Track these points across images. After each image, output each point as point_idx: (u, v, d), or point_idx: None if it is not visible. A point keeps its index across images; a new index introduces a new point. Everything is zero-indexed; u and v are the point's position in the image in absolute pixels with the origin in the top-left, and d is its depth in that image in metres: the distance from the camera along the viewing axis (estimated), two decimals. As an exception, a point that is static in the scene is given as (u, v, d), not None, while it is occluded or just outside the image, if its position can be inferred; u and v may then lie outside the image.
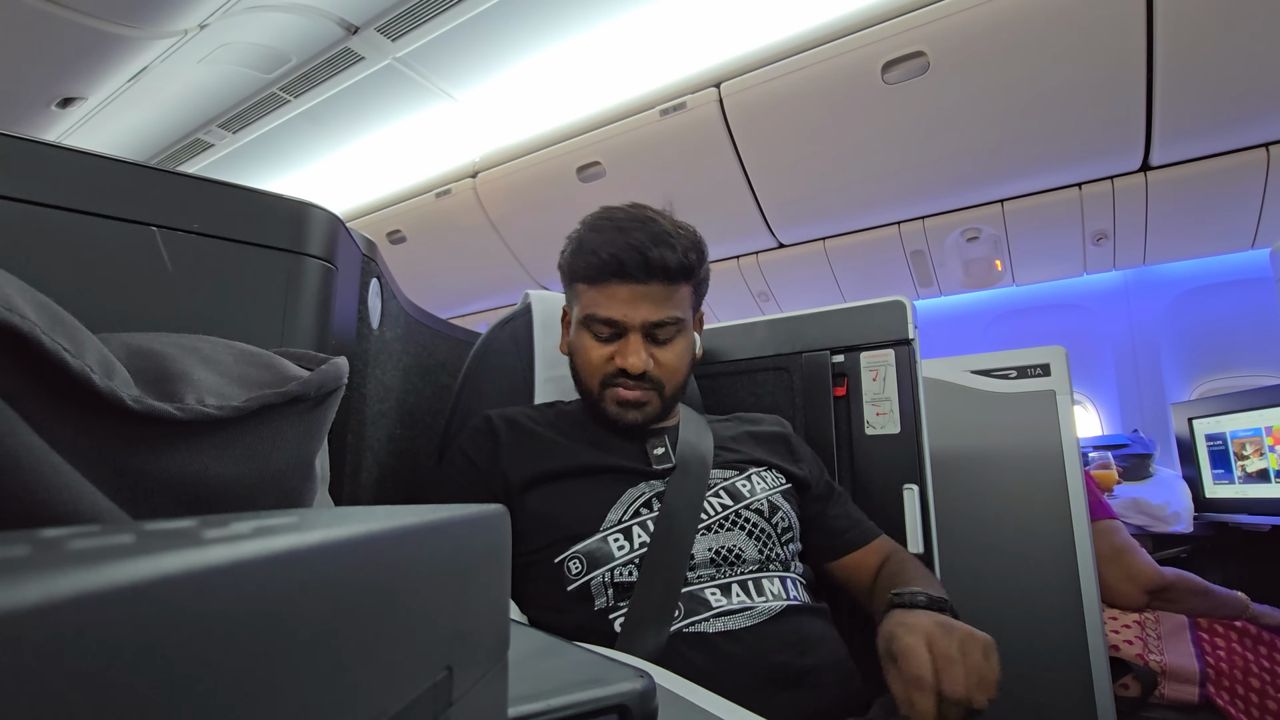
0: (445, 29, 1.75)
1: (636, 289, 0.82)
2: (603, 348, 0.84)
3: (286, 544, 0.12)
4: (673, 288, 0.84)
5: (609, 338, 0.84)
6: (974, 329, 2.76)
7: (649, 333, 0.84)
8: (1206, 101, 1.58)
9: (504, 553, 0.22)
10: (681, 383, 0.88)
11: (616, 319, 0.83)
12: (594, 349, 0.85)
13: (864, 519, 0.93)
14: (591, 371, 0.85)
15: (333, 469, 0.66)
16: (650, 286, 0.82)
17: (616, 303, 0.82)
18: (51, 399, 0.30)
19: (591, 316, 0.84)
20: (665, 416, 0.89)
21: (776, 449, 0.93)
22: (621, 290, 0.82)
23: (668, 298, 0.83)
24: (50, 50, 1.71)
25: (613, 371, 0.84)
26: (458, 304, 3.07)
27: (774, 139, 1.93)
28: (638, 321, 0.83)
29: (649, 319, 0.83)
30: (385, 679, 0.14)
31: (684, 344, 0.87)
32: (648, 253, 0.80)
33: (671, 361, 0.85)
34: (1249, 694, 1.18)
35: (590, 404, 0.88)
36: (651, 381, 0.84)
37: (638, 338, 0.83)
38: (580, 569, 0.74)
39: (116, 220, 0.50)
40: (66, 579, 0.08)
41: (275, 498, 0.39)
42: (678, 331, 0.85)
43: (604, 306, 0.83)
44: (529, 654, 0.29)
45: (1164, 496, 1.82)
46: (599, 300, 0.83)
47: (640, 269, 0.81)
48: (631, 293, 0.82)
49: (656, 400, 0.85)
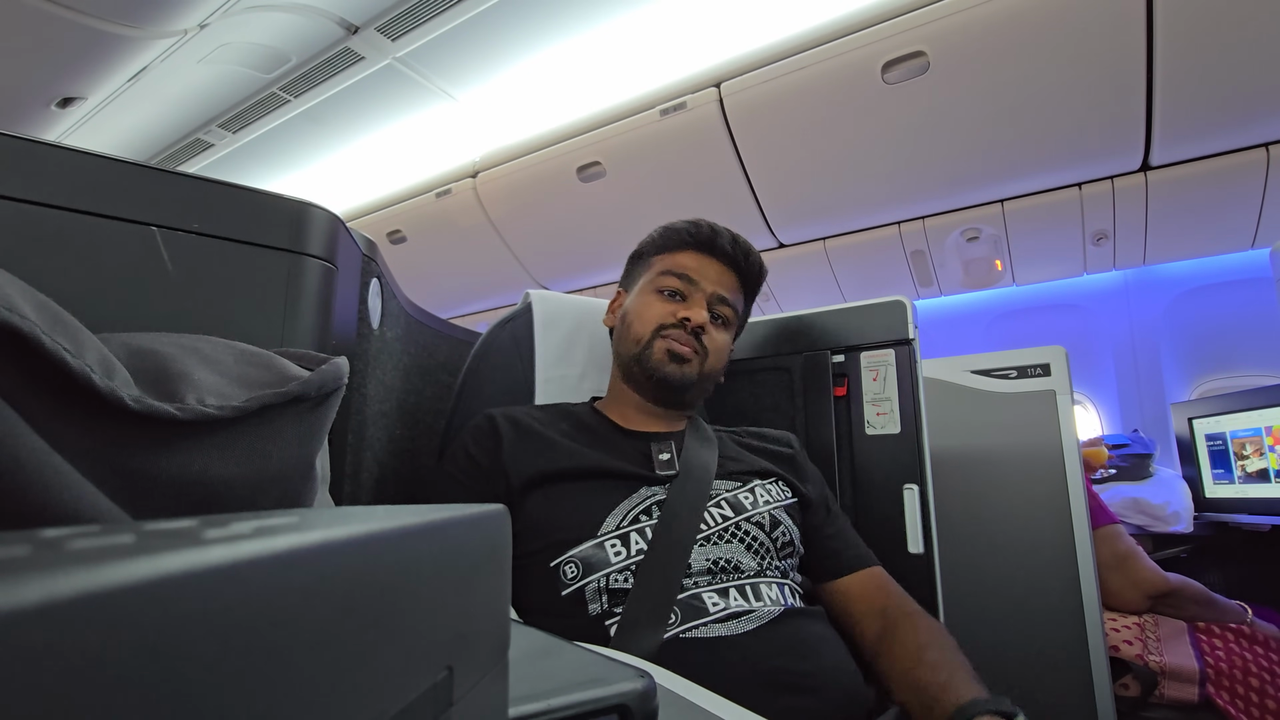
0: (445, 29, 1.75)
1: (717, 265, 0.92)
2: (667, 303, 0.91)
3: (287, 544, 0.12)
4: (740, 282, 0.95)
5: (675, 294, 0.91)
6: (974, 329, 2.76)
7: (711, 306, 0.91)
8: (1206, 101, 1.58)
9: (504, 553, 0.22)
10: (717, 370, 0.93)
11: (694, 278, 0.91)
12: (658, 303, 0.91)
13: (860, 544, 0.89)
14: (649, 319, 0.90)
15: (333, 469, 0.66)
16: (728, 270, 0.93)
17: (694, 267, 0.91)
18: (52, 399, 0.30)
19: (668, 271, 0.91)
20: (694, 394, 0.92)
21: (783, 464, 0.92)
22: (701, 260, 0.92)
23: (736, 288, 0.94)
24: (50, 50, 1.71)
25: (671, 321, 0.89)
26: (458, 304, 3.07)
27: (774, 139, 1.93)
28: (710, 288, 0.91)
29: (719, 290, 0.91)
30: (386, 679, 0.14)
31: (729, 338, 0.95)
32: (739, 239, 0.93)
33: (720, 342, 0.92)
34: (1248, 694, 1.18)
35: (634, 357, 0.90)
36: (702, 346, 0.89)
37: (703, 299, 0.90)
38: (576, 573, 0.73)
39: (117, 220, 0.50)
40: (66, 579, 0.08)
41: (275, 498, 0.39)
42: (728, 321, 0.94)
43: (685, 266, 0.91)
44: (529, 654, 0.29)
45: (1164, 496, 1.82)
46: (681, 261, 0.92)
47: (729, 245, 0.92)
48: (709, 264, 0.92)
49: (698, 366, 0.89)
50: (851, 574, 0.85)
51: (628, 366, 0.92)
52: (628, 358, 0.92)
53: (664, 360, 0.87)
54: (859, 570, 0.86)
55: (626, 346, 0.92)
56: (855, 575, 0.85)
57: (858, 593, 0.84)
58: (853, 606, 0.83)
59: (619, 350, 0.95)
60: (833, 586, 0.86)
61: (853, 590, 0.84)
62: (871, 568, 0.87)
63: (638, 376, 0.90)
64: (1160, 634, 1.29)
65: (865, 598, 0.83)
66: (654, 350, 0.88)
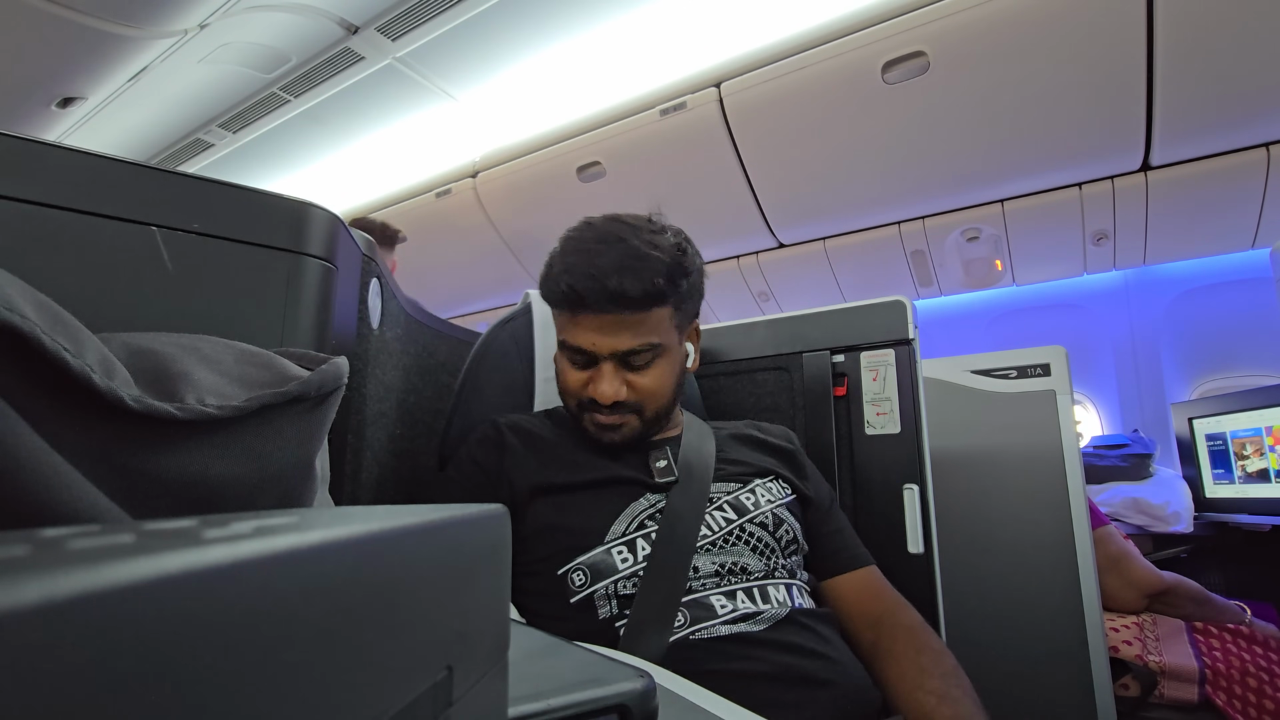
0: (445, 29, 1.75)
1: (604, 318, 0.78)
2: (578, 373, 0.83)
3: (287, 544, 0.12)
4: (643, 314, 0.79)
5: (583, 364, 0.82)
6: (974, 329, 2.76)
7: (623, 360, 0.80)
8: (1206, 101, 1.58)
9: (504, 552, 0.22)
10: (666, 403, 0.84)
11: (585, 348, 0.80)
12: (569, 374, 0.83)
13: (856, 544, 0.89)
14: (569, 395, 0.85)
15: (333, 469, 0.66)
16: (619, 315, 0.78)
17: (585, 331, 0.79)
18: (52, 399, 0.30)
19: (564, 343, 0.82)
20: (652, 433, 0.87)
21: (783, 460, 0.92)
22: (589, 320, 0.79)
23: (639, 324, 0.79)
24: (50, 50, 1.71)
25: (586, 399, 0.82)
26: (458, 304, 3.07)
27: (774, 139, 1.93)
28: (607, 351, 0.79)
29: (618, 348, 0.79)
30: (385, 679, 0.14)
31: (664, 366, 0.83)
32: (606, 282, 0.75)
33: (650, 385, 0.82)
34: (1246, 694, 1.18)
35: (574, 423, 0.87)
36: (629, 406, 0.82)
37: (610, 366, 0.80)
38: (584, 581, 0.74)
39: (117, 220, 0.50)
40: (66, 579, 0.08)
41: (275, 498, 0.39)
42: (655, 356, 0.81)
43: (573, 334, 0.81)
44: (529, 653, 0.29)
45: (1164, 496, 1.82)
46: (569, 328, 0.81)
47: (601, 299, 0.76)
48: (599, 322, 0.78)
49: (636, 422, 0.83)
50: (844, 574, 0.86)
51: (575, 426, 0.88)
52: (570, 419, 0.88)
53: (598, 432, 0.83)
54: (851, 571, 0.86)
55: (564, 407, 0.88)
56: (848, 576, 0.85)
57: (851, 595, 0.84)
58: (846, 608, 0.83)
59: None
60: (827, 584, 0.86)
61: (846, 592, 0.84)
62: (864, 568, 0.86)
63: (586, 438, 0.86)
64: (1159, 634, 1.29)
65: (858, 601, 0.83)
66: (585, 422, 0.84)
